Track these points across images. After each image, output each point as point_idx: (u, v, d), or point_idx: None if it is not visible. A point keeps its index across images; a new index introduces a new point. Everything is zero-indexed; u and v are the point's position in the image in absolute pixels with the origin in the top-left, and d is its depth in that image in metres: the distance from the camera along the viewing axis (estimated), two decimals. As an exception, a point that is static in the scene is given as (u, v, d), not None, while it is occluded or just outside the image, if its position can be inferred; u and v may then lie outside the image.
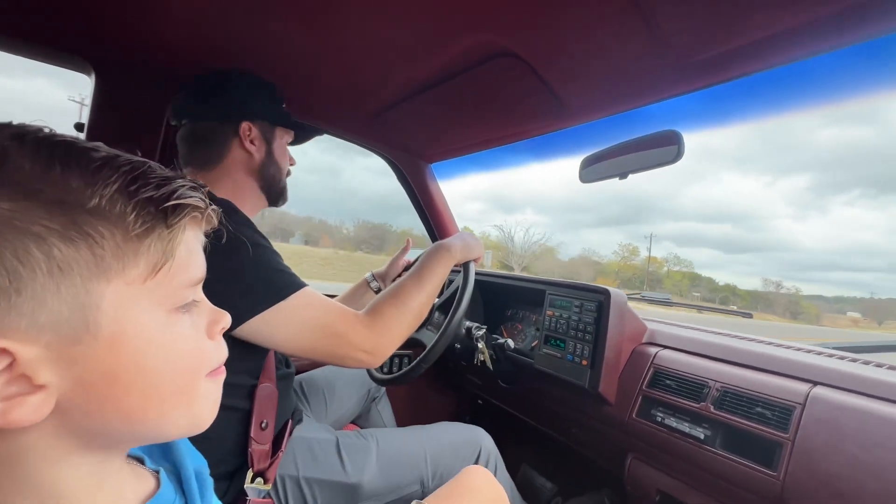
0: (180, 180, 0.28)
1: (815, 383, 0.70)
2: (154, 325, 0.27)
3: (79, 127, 0.96)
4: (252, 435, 0.68)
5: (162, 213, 0.27)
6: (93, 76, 0.94)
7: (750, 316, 1.05)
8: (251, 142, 0.79)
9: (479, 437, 0.92)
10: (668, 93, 0.84)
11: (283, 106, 0.86)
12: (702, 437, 0.75)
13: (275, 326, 0.63)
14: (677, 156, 0.75)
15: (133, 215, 0.25)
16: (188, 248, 0.29)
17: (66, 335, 0.24)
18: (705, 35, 0.68)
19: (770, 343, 0.89)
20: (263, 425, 0.69)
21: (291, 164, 0.89)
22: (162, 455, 0.37)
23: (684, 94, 0.82)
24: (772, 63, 0.72)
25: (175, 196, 0.27)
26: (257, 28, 0.79)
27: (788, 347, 0.86)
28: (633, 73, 0.80)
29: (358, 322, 0.70)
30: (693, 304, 1.25)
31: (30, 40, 0.87)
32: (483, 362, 1.04)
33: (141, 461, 0.35)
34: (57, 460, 0.26)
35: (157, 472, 0.35)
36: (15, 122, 0.25)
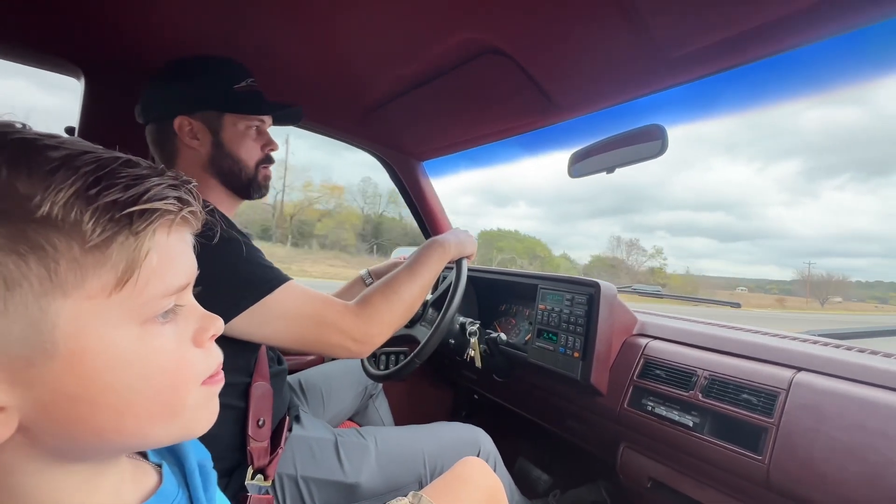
0: (156, 178, 0.26)
1: (799, 369, 0.72)
2: (124, 341, 0.25)
3: (69, 131, 0.96)
4: (250, 433, 0.69)
5: (126, 218, 0.24)
6: (82, 79, 0.94)
7: (738, 306, 1.07)
8: (194, 136, 0.74)
9: (478, 437, 0.94)
10: (654, 87, 0.86)
11: (247, 85, 0.77)
12: (690, 424, 0.77)
13: (263, 321, 0.64)
14: (661, 150, 0.77)
15: (91, 223, 0.23)
16: (165, 254, 0.26)
17: (18, 356, 0.22)
18: (688, 29, 0.69)
19: (757, 331, 0.91)
20: (260, 423, 0.70)
21: (268, 150, 0.80)
22: (166, 448, 0.36)
23: (670, 87, 0.83)
24: (755, 55, 0.74)
25: (144, 198, 0.24)
26: (245, 25, 0.79)
27: (775, 335, 0.88)
28: (620, 68, 0.81)
29: (347, 311, 0.70)
30: (683, 297, 1.26)
31: (18, 45, 0.87)
32: (472, 358, 1.05)
33: (144, 455, 0.35)
34: (38, 473, 0.25)
35: (160, 465, 0.34)
36: None
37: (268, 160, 0.81)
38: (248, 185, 0.79)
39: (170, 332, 0.28)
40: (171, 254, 0.27)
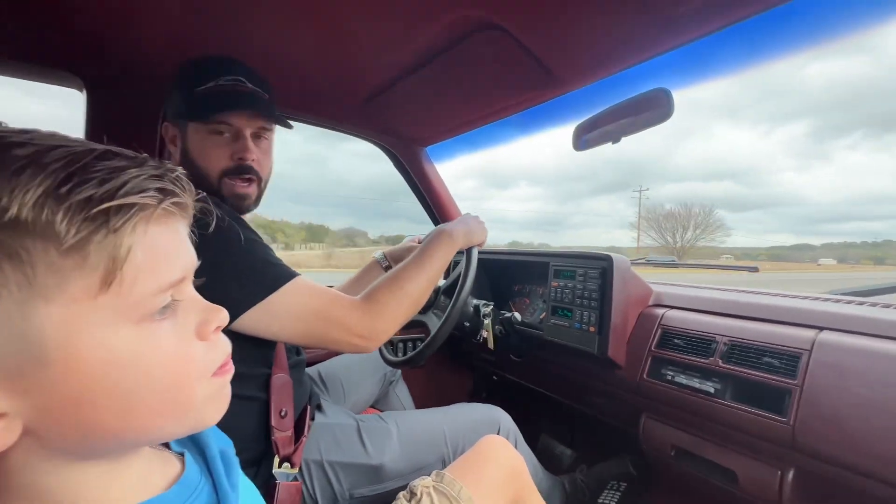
0: (134, 170, 0.24)
1: (822, 328, 0.71)
2: (120, 342, 0.24)
3: None
4: (273, 423, 0.70)
5: (102, 215, 0.22)
6: (84, 92, 0.95)
7: (756, 270, 1.04)
8: (173, 142, 0.75)
9: (498, 415, 0.94)
10: (655, 50, 0.83)
11: (215, 86, 0.69)
12: (712, 390, 0.76)
13: (271, 317, 0.64)
14: (667, 114, 0.75)
15: (64, 223, 0.21)
16: (151, 248, 0.25)
17: (9, 365, 0.22)
18: None
19: (777, 294, 0.89)
20: (283, 413, 0.72)
21: (238, 159, 0.72)
22: (187, 438, 0.37)
23: (670, 50, 0.80)
24: (760, 7, 0.71)
25: (121, 193, 0.23)
26: (241, 25, 0.79)
27: (795, 297, 0.86)
28: (618, 34, 0.79)
29: (353, 307, 0.70)
30: (697, 264, 1.24)
31: (20, 60, 0.88)
32: (485, 339, 1.05)
33: (166, 444, 0.35)
34: (54, 472, 0.25)
35: (182, 454, 0.35)
36: None
37: (237, 171, 0.72)
38: (215, 195, 0.71)
39: (169, 329, 0.27)
40: (158, 248, 0.26)
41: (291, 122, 0.83)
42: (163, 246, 0.26)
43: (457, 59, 0.92)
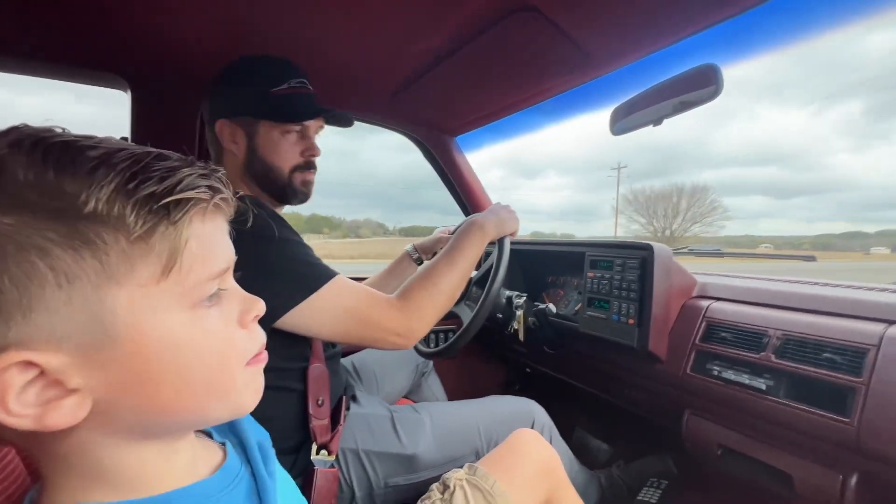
0: (187, 169, 0.27)
1: (891, 322, 0.65)
2: (177, 324, 0.27)
3: None
4: (311, 412, 0.72)
5: (164, 208, 0.25)
6: (129, 91, 0.99)
7: (813, 259, 0.96)
8: (233, 140, 0.76)
9: (532, 409, 0.93)
10: (697, 26, 0.77)
11: (289, 87, 0.75)
12: (763, 387, 0.71)
13: (310, 316, 0.66)
14: (716, 92, 0.69)
15: (133, 216, 0.24)
16: (203, 240, 0.28)
17: (86, 342, 0.24)
18: None
19: (836, 285, 0.82)
20: (320, 402, 0.73)
21: (308, 156, 0.79)
22: (228, 428, 0.39)
23: (714, 24, 0.75)
24: None
25: (178, 188, 0.25)
26: (271, 17, 0.79)
27: (858, 288, 0.79)
28: (658, 10, 0.74)
29: (389, 306, 0.71)
30: (747, 253, 1.17)
31: (69, 64, 0.92)
32: (516, 331, 1.03)
33: (209, 435, 0.38)
34: (117, 448, 0.27)
35: (224, 444, 0.37)
36: (19, 125, 0.25)
37: (307, 166, 0.79)
38: (284, 190, 0.78)
39: (216, 315, 0.30)
40: (208, 240, 0.29)
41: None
42: (211, 238, 0.29)
43: (488, 45, 0.89)
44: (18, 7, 0.75)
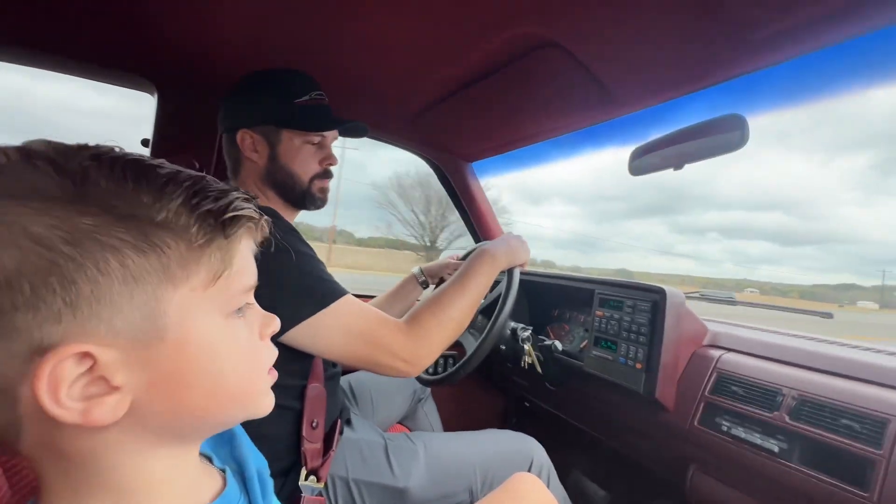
0: (235, 192, 0.30)
1: (915, 393, 0.62)
2: (214, 330, 0.29)
3: (145, 142, 1.04)
4: (304, 434, 0.70)
5: (220, 224, 0.28)
6: (155, 94, 1.01)
7: (830, 316, 0.94)
8: (253, 149, 0.77)
9: (532, 448, 0.89)
10: (723, 76, 0.78)
11: (311, 99, 0.78)
12: (776, 449, 0.68)
13: (317, 333, 0.64)
14: (741, 141, 0.69)
15: (196, 227, 0.27)
16: (243, 255, 0.31)
17: (138, 339, 0.26)
18: (770, 5, 0.62)
19: (856, 347, 0.80)
20: (314, 424, 0.71)
21: (327, 165, 0.82)
22: (229, 455, 0.39)
23: (740, 75, 0.75)
24: (837, 37, 0.64)
25: (231, 208, 0.29)
26: (299, 32, 0.80)
27: (880, 351, 0.76)
28: (688, 55, 0.74)
29: (398, 331, 0.70)
30: (762, 304, 1.14)
31: (99, 64, 0.94)
32: (531, 365, 1.01)
33: (209, 459, 0.37)
34: (136, 455, 0.28)
35: (224, 470, 0.37)
36: (91, 144, 0.28)
37: (325, 174, 0.82)
38: (303, 197, 0.80)
39: (243, 326, 0.32)
40: (247, 256, 0.32)
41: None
42: (248, 255, 0.32)
43: (512, 77, 0.90)
44: (58, 7, 0.76)
